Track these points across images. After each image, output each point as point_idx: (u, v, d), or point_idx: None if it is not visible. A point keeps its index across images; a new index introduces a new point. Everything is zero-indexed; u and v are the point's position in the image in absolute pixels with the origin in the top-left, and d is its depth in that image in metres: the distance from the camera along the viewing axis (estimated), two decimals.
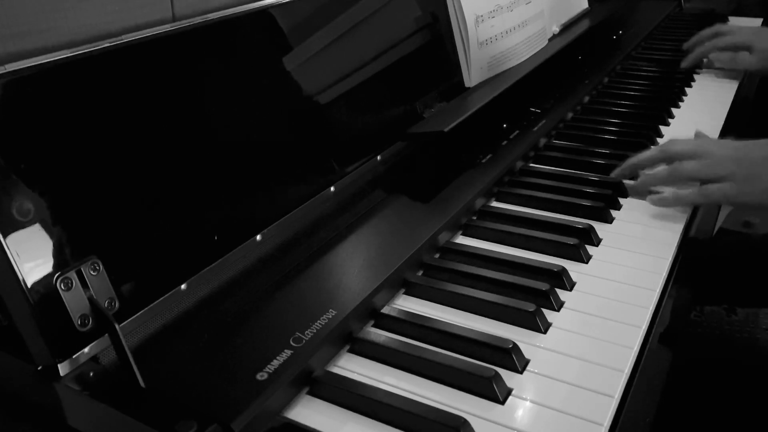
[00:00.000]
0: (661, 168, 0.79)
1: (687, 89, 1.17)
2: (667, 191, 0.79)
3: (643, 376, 0.54)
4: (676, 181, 0.78)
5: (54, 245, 0.46)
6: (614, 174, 0.83)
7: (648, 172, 0.81)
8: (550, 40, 1.14)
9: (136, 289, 0.50)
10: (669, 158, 0.79)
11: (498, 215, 0.76)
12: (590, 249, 0.69)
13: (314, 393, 0.50)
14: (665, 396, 0.53)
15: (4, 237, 0.44)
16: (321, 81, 0.71)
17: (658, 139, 0.97)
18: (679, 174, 0.77)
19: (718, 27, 1.28)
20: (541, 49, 1.09)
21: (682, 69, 1.25)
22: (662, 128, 1.00)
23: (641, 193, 0.81)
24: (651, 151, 0.82)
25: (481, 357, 0.54)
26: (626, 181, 0.82)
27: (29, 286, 0.44)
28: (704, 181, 0.76)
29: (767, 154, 0.74)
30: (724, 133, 1.00)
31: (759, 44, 1.18)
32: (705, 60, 1.27)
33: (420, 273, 0.66)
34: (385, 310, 0.59)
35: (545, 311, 0.59)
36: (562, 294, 0.62)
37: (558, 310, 0.60)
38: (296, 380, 0.49)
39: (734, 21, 1.61)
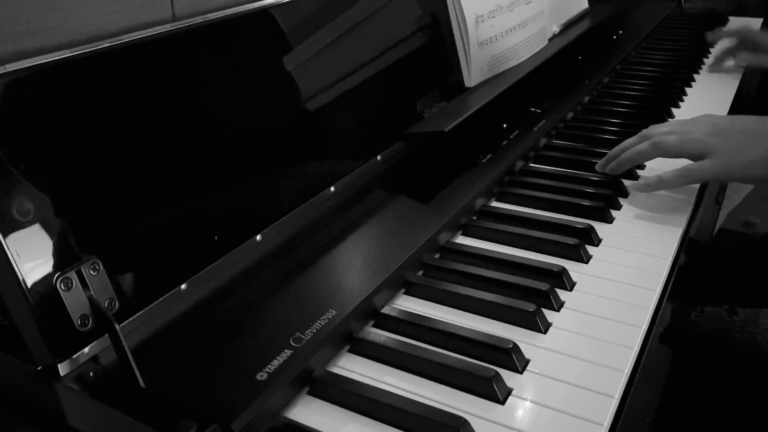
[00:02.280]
0: (643, 144, 0.79)
1: (687, 89, 1.17)
2: (650, 176, 0.80)
3: (643, 376, 0.54)
4: (657, 155, 0.78)
5: (54, 245, 0.46)
6: (599, 167, 0.84)
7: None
8: (550, 40, 1.14)
9: (136, 289, 0.50)
10: (649, 138, 0.80)
11: (498, 215, 0.76)
12: (590, 249, 0.69)
13: (314, 393, 0.50)
14: (665, 396, 0.53)
15: (4, 237, 0.44)
16: (321, 81, 0.71)
17: None
18: (660, 147, 0.77)
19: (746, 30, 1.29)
20: (541, 49, 1.09)
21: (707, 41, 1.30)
22: None
23: (622, 168, 0.81)
24: (630, 139, 0.82)
25: (481, 357, 0.53)
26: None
27: (29, 286, 0.44)
28: (686, 157, 0.76)
29: (744, 127, 0.75)
30: None
31: None
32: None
33: (420, 273, 0.66)
34: (385, 310, 0.59)
35: (545, 311, 0.59)
36: (562, 294, 0.62)
37: (558, 310, 0.60)
38: (296, 380, 0.49)
39: (734, 21, 1.61)
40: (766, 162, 0.72)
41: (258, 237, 0.60)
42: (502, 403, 0.50)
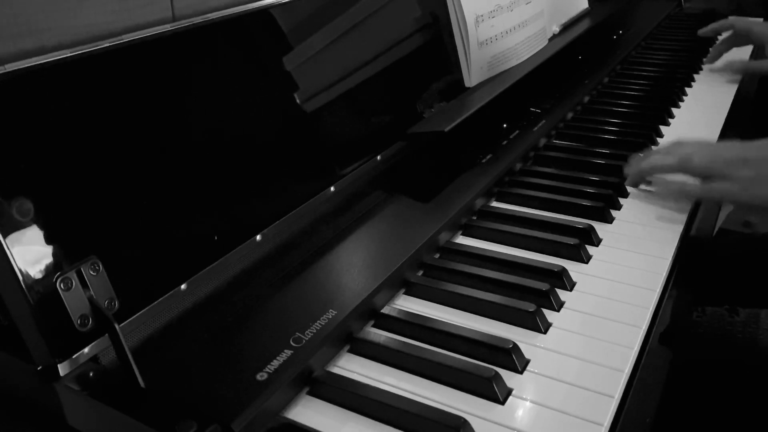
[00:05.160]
0: (670, 157, 0.79)
1: (687, 89, 1.17)
2: (674, 182, 0.79)
3: (643, 376, 0.54)
4: (682, 171, 0.78)
5: (54, 245, 0.46)
6: (626, 168, 0.83)
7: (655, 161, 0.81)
8: (550, 40, 1.14)
9: (136, 289, 0.50)
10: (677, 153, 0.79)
11: (498, 215, 0.76)
12: (590, 249, 0.69)
13: (314, 393, 0.50)
14: (665, 396, 0.53)
15: (4, 237, 0.44)
16: (321, 81, 0.71)
17: (659, 139, 0.97)
18: (687, 165, 0.77)
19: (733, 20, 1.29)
20: (541, 49, 1.10)
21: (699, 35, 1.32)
22: (662, 128, 1.00)
23: (642, 174, 0.81)
24: (659, 154, 0.81)
25: (481, 357, 0.53)
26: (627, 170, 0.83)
27: (29, 286, 0.44)
28: (709, 178, 0.76)
29: None
30: (725, 132, 1.00)
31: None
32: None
33: (420, 273, 0.66)
34: (385, 310, 0.59)
35: (545, 311, 0.59)
36: (562, 294, 0.62)
37: (558, 310, 0.60)
38: (296, 380, 0.49)
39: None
40: None
41: (258, 237, 0.60)
42: (502, 403, 0.49)
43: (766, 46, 1.19)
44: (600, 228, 0.73)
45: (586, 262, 0.67)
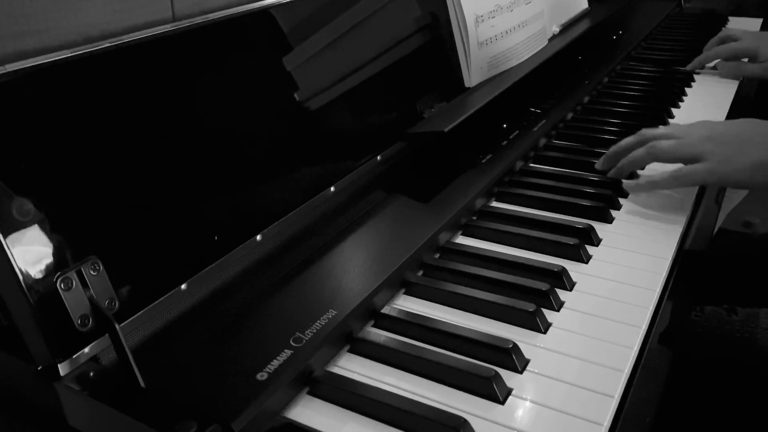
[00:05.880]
0: (639, 150, 0.80)
1: (687, 89, 1.17)
2: (641, 177, 0.80)
3: (643, 376, 0.54)
4: (653, 160, 0.79)
5: (54, 245, 0.46)
6: (598, 165, 0.84)
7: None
8: (550, 40, 1.14)
9: (136, 289, 0.50)
10: (645, 141, 0.80)
11: (498, 215, 0.76)
12: (590, 249, 0.69)
13: (314, 393, 0.50)
14: (665, 396, 0.53)
15: (4, 237, 0.44)
16: (321, 81, 0.71)
17: None
18: (654, 152, 0.78)
19: (725, 32, 1.28)
20: (541, 49, 1.10)
21: (687, 71, 1.25)
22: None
23: (623, 173, 0.82)
24: (628, 138, 0.82)
25: (481, 357, 0.54)
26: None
27: (29, 286, 0.44)
28: (681, 161, 0.76)
29: (741, 131, 0.75)
30: None
31: (765, 51, 1.18)
32: (710, 65, 1.27)
33: (420, 273, 0.66)
34: (385, 310, 0.59)
35: (545, 311, 0.59)
36: (562, 294, 0.62)
37: (558, 310, 0.60)
38: (296, 380, 0.49)
39: (734, 21, 1.61)
40: (758, 167, 0.71)
41: (258, 237, 0.60)
42: (502, 403, 0.50)
43: (759, 54, 1.19)
44: (600, 228, 0.73)
45: (586, 262, 0.67)
